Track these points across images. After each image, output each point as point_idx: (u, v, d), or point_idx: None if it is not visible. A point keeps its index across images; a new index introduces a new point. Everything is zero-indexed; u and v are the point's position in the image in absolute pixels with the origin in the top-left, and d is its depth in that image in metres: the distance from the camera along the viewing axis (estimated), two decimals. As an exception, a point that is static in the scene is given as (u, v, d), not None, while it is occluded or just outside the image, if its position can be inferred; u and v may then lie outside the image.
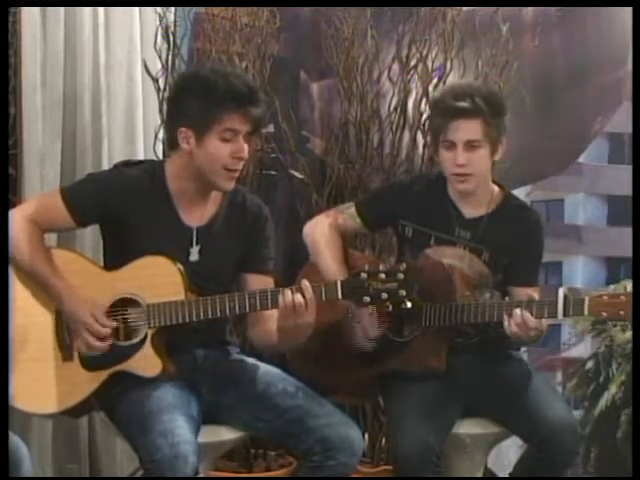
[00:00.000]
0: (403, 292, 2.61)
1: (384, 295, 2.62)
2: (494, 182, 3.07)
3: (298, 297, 2.66)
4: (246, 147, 2.76)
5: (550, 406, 2.92)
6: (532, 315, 2.80)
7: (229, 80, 2.73)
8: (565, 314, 2.80)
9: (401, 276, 2.62)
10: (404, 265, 2.63)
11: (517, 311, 2.81)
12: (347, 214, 3.15)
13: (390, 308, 2.65)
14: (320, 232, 3.11)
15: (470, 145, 2.93)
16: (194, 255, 2.83)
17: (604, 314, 2.78)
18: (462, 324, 2.93)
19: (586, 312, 2.79)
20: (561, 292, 2.81)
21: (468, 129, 2.92)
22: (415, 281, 2.63)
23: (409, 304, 2.63)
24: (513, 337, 2.86)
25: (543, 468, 2.90)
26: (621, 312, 2.76)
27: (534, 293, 2.94)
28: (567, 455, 2.90)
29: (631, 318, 2.76)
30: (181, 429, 2.60)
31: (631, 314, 2.74)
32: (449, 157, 2.95)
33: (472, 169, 2.95)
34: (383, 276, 2.62)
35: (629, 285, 2.81)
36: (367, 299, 2.64)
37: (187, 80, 2.89)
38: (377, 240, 3.67)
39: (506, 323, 2.84)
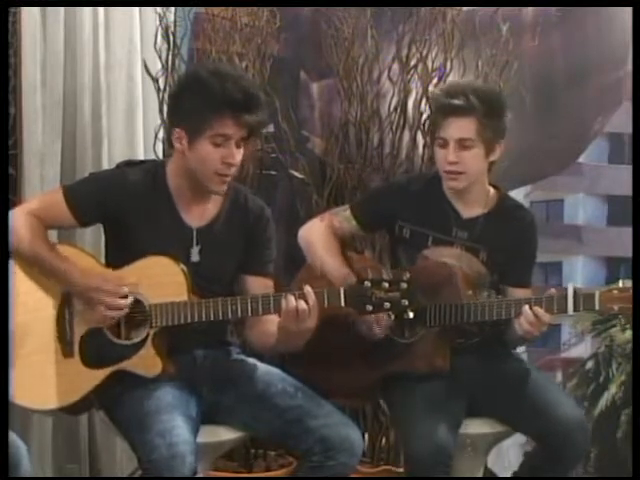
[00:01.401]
0: (405, 302, 2.62)
1: (386, 304, 2.63)
2: (489, 183, 3.07)
3: (301, 304, 2.66)
4: (238, 152, 2.74)
5: (560, 404, 2.92)
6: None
7: (225, 85, 2.68)
8: (576, 309, 2.79)
9: (404, 286, 2.62)
10: (407, 274, 2.63)
11: (528, 308, 2.81)
12: (342, 216, 3.13)
13: (392, 317, 2.66)
14: (317, 235, 3.09)
15: (462, 143, 2.92)
16: (194, 256, 2.83)
17: (615, 308, 2.78)
18: (467, 323, 2.93)
19: (597, 306, 2.79)
20: (571, 287, 2.81)
21: (460, 127, 2.92)
22: (418, 290, 2.64)
23: (411, 314, 2.63)
24: (525, 335, 2.85)
25: (553, 466, 2.91)
26: (630, 306, 2.76)
27: (528, 294, 2.94)
28: (578, 452, 2.92)
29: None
30: (179, 429, 2.61)
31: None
32: (442, 154, 2.96)
33: (463, 167, 2.94)
34: (386, 285, 2.62)
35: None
36: (369, 308, 2.64)
37: (186, 79, 2.89)
38: (377, 241, 3.67)
39: (517, 323, 2.84)
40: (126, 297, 2.73)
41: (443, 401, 2.92)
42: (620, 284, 2.79)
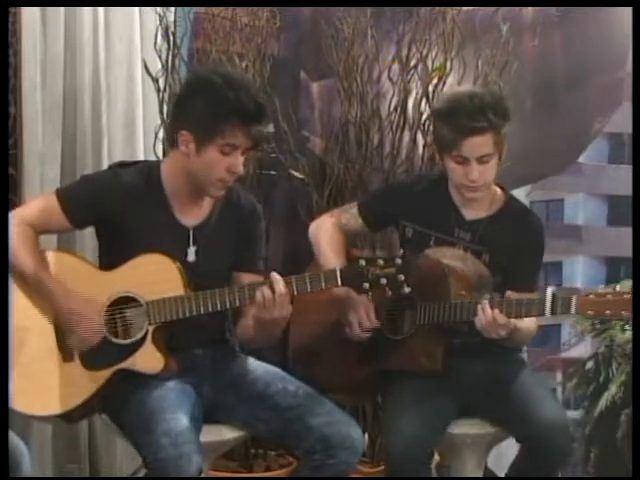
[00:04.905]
0: (402, 277, 2.62)
1: (383, 280, 2.63)
2: (496, 184, 3.07)
3: (268, 293, 2.66)
4: (242, 161, 2.75)
5: (540, 407, 2.91)
6: (521, 314, 2.82)
7: (239, 95, 2.68)
8: (553, 312, 2.80)
9: (399, 261, 2.63)
10: (401, 252, 2.66)
11: (481, 307, 2.82)
12: (350, 214, 3.16)
13: (389, 293, 2.66)
14: (324, 231, 3.13)
15: (481, 159, 2.92)
16: (191, 255, 2.83)
17: (590, 312, 2.78)
18: (453, 322, 2.93)
19: (573, 311, 2.79)
20: (549, 291, 2.81)
21: (481, 144, 2.90)
22: (413, 267, 2.65)
23: (408, 289, 2.64)
24: (484, 333, 2.86)
25: (535, 469, 2.90)
26: (607, 311, 2.75)
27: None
28: (559, 456, 2.89)
29: (619, 316, 2.75)
30: (185, 428, 2.60)
31: (619, 312, 2.74)
32: (461, 170, 2.94)
33: (484, 180, 2.95)
34: (381, 262, 2.63)
35: (621, 284, 2.81)
36: (366, 285, 2.65)
37: (198, 83, 2.82)
38: (377, 239, 3.67)
39: (476, 320, 2.85)
40: (99, 333, 2.73)
41: (431, 400, 2.92)
42: (599, 289, 2.79)
